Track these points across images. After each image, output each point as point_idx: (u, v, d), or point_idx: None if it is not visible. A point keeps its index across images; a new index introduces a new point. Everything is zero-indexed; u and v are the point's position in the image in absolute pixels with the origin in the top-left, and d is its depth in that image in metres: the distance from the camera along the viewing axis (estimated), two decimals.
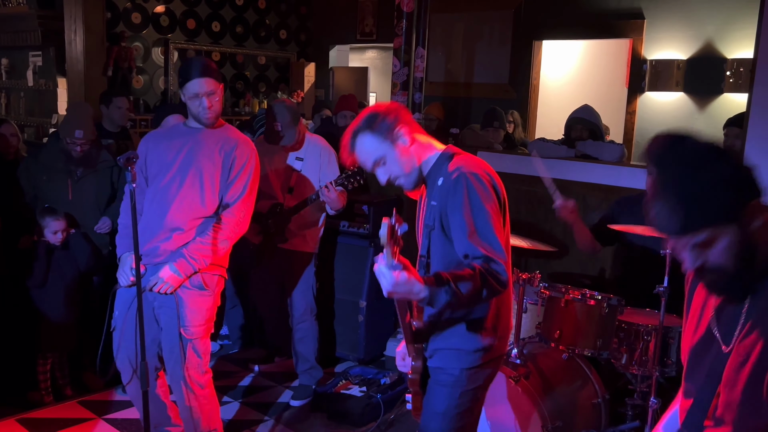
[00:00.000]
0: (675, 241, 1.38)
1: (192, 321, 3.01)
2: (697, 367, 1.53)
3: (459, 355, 2.24)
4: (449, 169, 2.17)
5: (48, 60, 7.12)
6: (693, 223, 1.33)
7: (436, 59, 6.88)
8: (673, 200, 1.33)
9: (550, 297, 3.32)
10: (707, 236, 1.34)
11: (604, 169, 4.41)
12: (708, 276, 1.41)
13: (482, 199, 2.10)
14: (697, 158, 1.33)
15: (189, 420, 3.12)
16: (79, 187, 4.06)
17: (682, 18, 5.48)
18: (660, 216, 1.35)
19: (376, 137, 2.19)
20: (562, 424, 3.04)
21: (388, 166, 2.21)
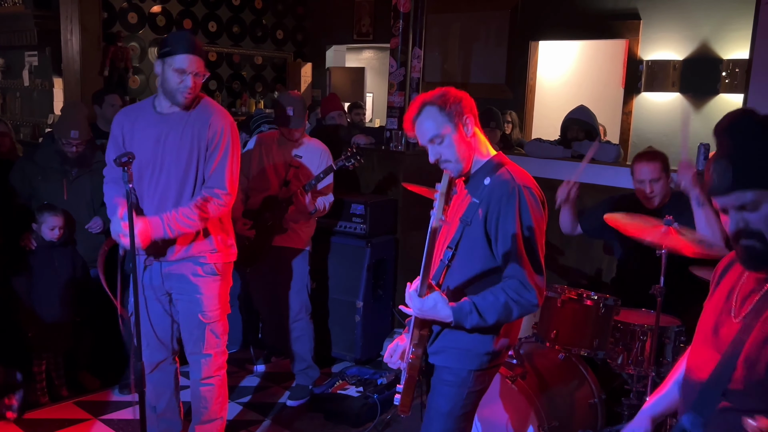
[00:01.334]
0: (723, 200, 1.44)
1: (209, 306, 3.11)
2: (714, 342, 1.54)
3: (469, 355, 2.24)
4: (502, 176, 2.20)
5: (44, 60, 7.12)
6: (743, 181, 1.39)
7: (432, 59, 6.89)
8: (730, 159, 1.40)
9: (547, 297, 3.32)
10: (754, 198, 1.40)
11: (600, 169, 4.42)
12: (744, 243, 1.45)
13: (533, 216, 2.14)
14: (758, 129, 1.41)
15: (200, 398, 3.20)
16: (74, 187, 4.06)
17: (678, 19, 5.49)
18: (714, 173, 1.43)
19: (444, 115, 2.20)
20: (558, 424, 3.04)
21: (444, 147, 2.22)
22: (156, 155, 2.98)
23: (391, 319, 4.83)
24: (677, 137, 5.43)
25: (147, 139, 2.99)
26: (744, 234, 1.44)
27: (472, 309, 2.09)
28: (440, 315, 2.09)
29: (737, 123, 1.44)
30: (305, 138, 4.14)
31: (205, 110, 3.03)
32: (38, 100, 7.38)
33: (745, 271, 1.56)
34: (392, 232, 4.82)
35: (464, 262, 2.22)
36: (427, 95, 2.25)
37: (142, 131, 3.01)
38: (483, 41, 6.74)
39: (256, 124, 4.95)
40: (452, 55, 7.00)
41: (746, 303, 1.50)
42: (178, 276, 3.07)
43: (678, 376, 1.78)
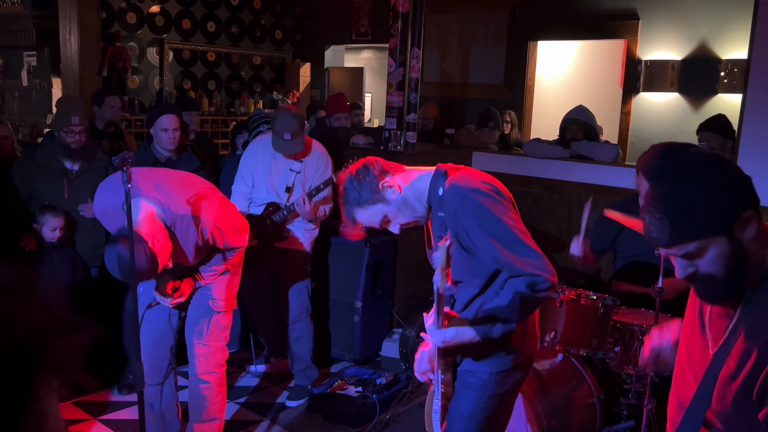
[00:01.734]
0: (666, 251, 1.41)
1: (220, 295, 3.19)
2: (689, 369, 1.54)
3: (489, 359, 2.22)
4: (449, 189, 2.15)
5: (42, 60, 7.11)
6: (681, 235, 1.35)
7: (431, 59, 6.89)
8: (663, 212, 1.35)
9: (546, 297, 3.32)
10: (697, 247, 1.36)
11: (599, 169, 4.42)
12: (698, 284, 1.43)
13: (495, 212, 2.07)
14: (688, 170, 1.35)
15: (198, 396, 3.19)
16: (75, 186, 4.05)
17: (677, 19, 5.49)
18: (650, 227, 1.38)
19: (368, 206, 2.22)
20: (557, 424, 3.05)
21: (395, 220, 2.26)
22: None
23: (390, 319, 4.84)
24: (676, 137, 5.43)
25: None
26: (695, 277, 1.42)
27: (492, 317, 2.07)
28: (465, 339, 2.09)
29: (659, 167, 1.39)
30: (311, 146, 4.12)
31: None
32: (37, 100, 7.37)
33: None
34: (391, 232, 4.81)
35: (462, 276, 2.18)
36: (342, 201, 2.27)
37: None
38: (482, 41, 6.74)
39: (255, 124, 4.94)
40: (451, 55, 7.00)
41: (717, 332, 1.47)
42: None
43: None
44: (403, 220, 2.25)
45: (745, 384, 1.37)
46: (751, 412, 1.37)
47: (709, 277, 1.39)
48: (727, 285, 1.39)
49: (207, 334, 3.19)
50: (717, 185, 1.34)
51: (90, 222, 4.09)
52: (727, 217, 1.34)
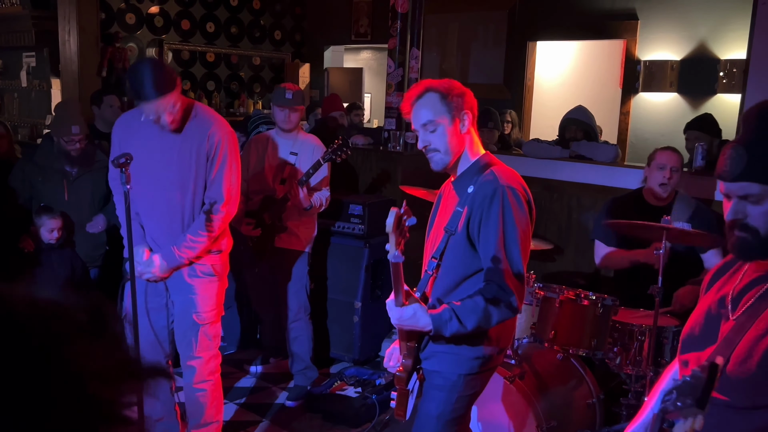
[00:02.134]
0: (728, 187, 1.45)
1: (204, 307, 3.10)
2: (705, 338, 1.54)
3: (459, 360, 2.22)
4: (486, 177, 2.16)
5: (42, 60, 7.11)
6: (753, 172, 1.40)
7: (430, 60, 6.89)
8: (746, 148, 1.41)
9: (545, 297, 3.32)
10: (759, 191, 1.41)
11: (598, 169, 4.43)
12: (738, 234, 1.46)
13: (516, 218, 2.10)
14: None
15: (195, 404, 3.18)
16: (75, 188, 4.05)
17: (676, 19, 5.50)
18: (727, 158, 1.43)
19: (444, 104, 2.17)
20: (556, 424, 3.05)
21: (435, 135, 2.18)
22: (156, 166, 2.96)
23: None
24: (675, 137, 5.44)
25: (148, 149, 2.94)
26: (740, 226, 1.45)
27: (452, 316, 2.07)
28: (419, 324, 2.08)
29: (763, 115, 1.44)
30: (300, 133, 4.14)
31: (204, 121, 2.97)
32: (36, 100, 7.37)
33: (740, 271, 1.56)
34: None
35: (450, 271, 2.20)
36: (433, 82, 2.22)
37: (144, 142, 2.96)
38: (481, 41, 6.75)
39: (254, 125, 4.95)
40: (450, 56, 7.00)
41: (740, 306, 1.51)
42: (174, 275, 3.07)
43: (662, 386, 1.77)
44: (437, 145, 2.18)
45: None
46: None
47: (754, 230, 1.43)
48: (764, 244, 1.43)
49: (196, 347, 3.12)
50: None
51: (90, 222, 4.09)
52: None
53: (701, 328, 1.57)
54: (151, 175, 2.95)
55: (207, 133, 2.95)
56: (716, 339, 1.51)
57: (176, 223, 3.00)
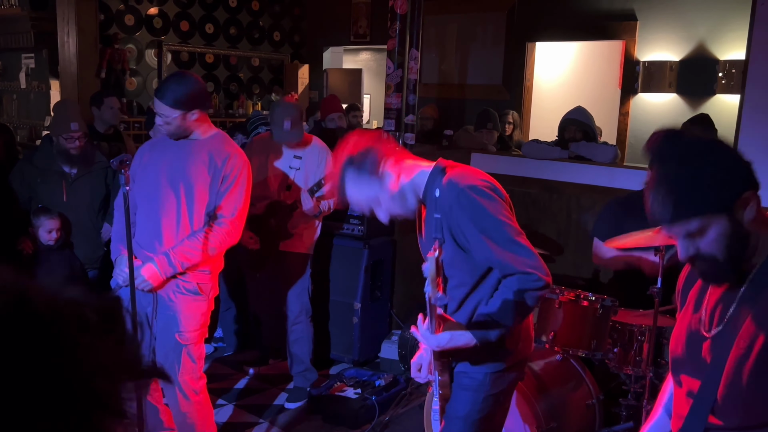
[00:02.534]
0: (669, 230, 1.44)
1: (187, 326, 2.99)
2: (692, 360, 1.54)
3: (485, 359, 2.21)
4: (445, 186, 2.12)
5: (41, 62, 7.11)
6: (684, 211, 1.39)
7: (430, 61, 6.89)
8: (666, 190, 1.39)
9: (545, 298, 3.32)
10: (699, 225, 1.39)
11: (598, 170, 4.43)
12: (700, 265, 1.45)
13: (490, 210, 2.05)
14: (691, 152, 1.40)
15: (183, 425, 3.11)
16: (74, 189, 4.05)
17: (675, 20, 5.50)
18: (654, 205, 1.42)
19: (363, 183, 2.13)
20: (556, 425, 3.05)
21: (384, 206, 2.17)
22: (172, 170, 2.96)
23: (389, 320, 4.83)
24: None
25: (163, 156, 2.99)
26: (697, 258, 1.44)
27: (488, 321, 2.05)
28: (461, 343, 2.07)
29: (663, 150, 1.42)
30: (304, 136, 4.12)
31: (226, 145, 3.02)
32: (35, 102, 7.37)
33: (708, 289, 1.56)
34: (389, 233, 4.82)
35: (456, 278, 2.18)
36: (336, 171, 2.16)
37: (162, 150, 3.01)
38: (480, 42, 6.75)
39: (253, 126, 4.95)
40: (449, 57, 7.01)
41: (716, 315, 1.50)
42: (157, 293, 2.98)
43: (665, 400, 1.77)
44: (393, 209, 2.18)
45: (759, 361, 1.39)
46: (765, 388, 1.38)
47: (711, 257, 1.42)
48: (728, 265, 1.42)
49: (179, 369, 3.00)
50: (718, 165, 1.38)
51: (88, 225, 4.10)
52: (728, 195, 1.38)
53: (684, 348, 1.57)
54: (158, 180, 2.95)
55: (226, 156, 2.96)
56: (701, 359, 1.50)
57: (171, 229, 2.95)
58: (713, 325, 1.49)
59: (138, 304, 2.93)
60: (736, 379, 1.42)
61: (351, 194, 2.16)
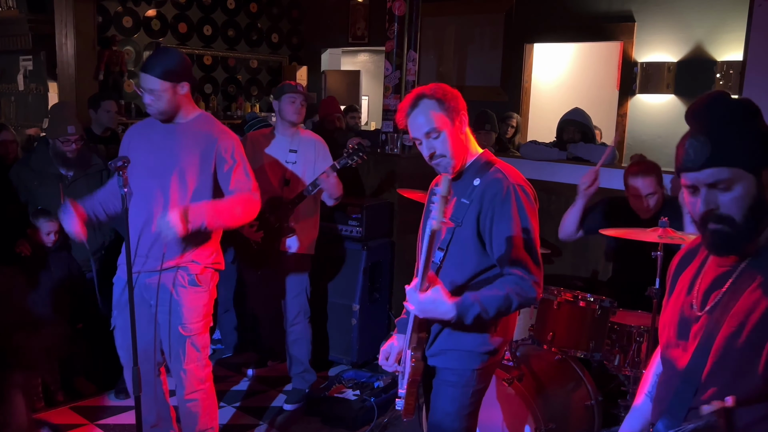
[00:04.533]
0: (695, 177, 1.43)
1: (190, 319, 3.02)
2: (682, 339, 1.54)
3: (470, 356, 2.25)
4: (493, 175, 2.19)
5: (39, 64, 7.11)
6: (719, 157, 1.40)
7: (428, 62, 6.89)
8: (705, 136, 1.41)
9: (543, 299, 3.32)
10: (727, 176, 1.40)
11: None
12: (713, 227, 1.44)
13: (529, 215, 2.15)
14: (732, 109, 1.43)
15: (188, 414, 3.14)
16: (71, 191, 4.04)
17: (673, 21, 5.51)
18: (690, 148, 1.43)
19: (443, 110, 2.17)
20: (555, 426, 3.04)
21: (439, 142, 2.18)
22: (162, 158, 2.96)
23: (388, 322, 4.83)
24: (672, 139, 5.44)
25: (152, 144, 3.00)
26: (713, 217, 1.43)
27: (474, 302, 2.08)
28: (440, 310, 2.06)
29: (713, 105, 1.45)
30: (300, 130, 4.12)
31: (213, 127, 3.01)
32: (33, 104, 7.36)
33: (704, 265, 1.55)
34: (388, 235, 4.82)
35: (456, 263, 2.22)
36: (425, 88, 2.21)
37: (149, 136, 3.03)
38: (478, 44, 6.75)
39: (251, 127, 4.94)
40: (447, 58, 7.01)
41: (710, 297, 1.50)
42: (159, 287, 2.99)
43: (648, 386, 1.77)
44: (443, 151, 2.19)
45: (749, 341, 1.39)
46: (754, 369, 1.38)
47: (729, 219, 1.41)
48: (740, 232, 1.42)
49: (184, 358, 3.04)
50: (758, 129, 1.42)
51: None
52: (762, 159, 1.41)
53: (675, 331, 1.57)
54: (148, 167, 2.96)
55: (216, 138, 2.97)
56: (690, 341, 1.51)
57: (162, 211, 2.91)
58: (707, 305, 1.50)
59: (140, 296, 2.97)
60: (722, 358, 1.42)
61: (423, 111, 2.17)
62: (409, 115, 2.21)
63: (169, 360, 3.10)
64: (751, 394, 1.39)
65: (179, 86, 2.90)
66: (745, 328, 1.40)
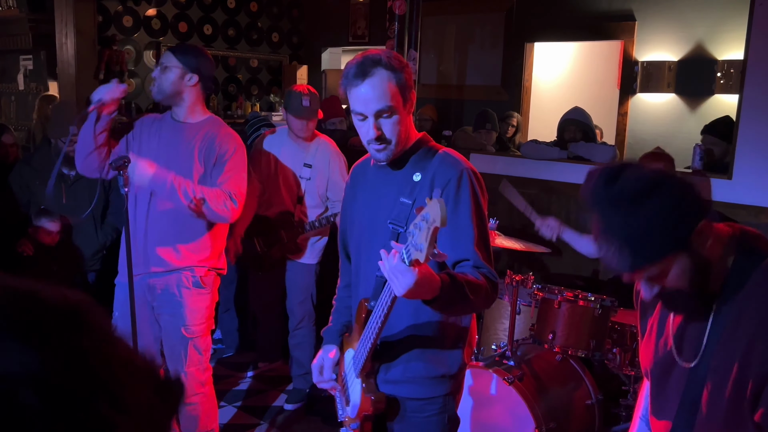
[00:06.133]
0: (632, 277, 1.40)
1: (192, 320, 3.02)
2: (664, 386, 1.53)
3: (444, 381, 2.00)
4: (438, 164, 1.91)
5: (39, 63, 7.10)
6: (640, 262, 1.35)
7: (428, 62, 6.89)
8: (618, 242, 1.33)
9: (544, 299, 3.32)
10: (659, 269, 1.36)
11: None
12: (666, 299, 1.44)
13: (483, 204, 1.92)
14: (634, 198, 1.32)
15: (188, 417, 3.14)
16: (73, 191, 4.05)
17: (673, 20, 5.50)
18: (608, 258, 1.36)
19: (400, 85, 1.83)
20: (555, 425, 3.04)
21: (390, 123, 1.85)
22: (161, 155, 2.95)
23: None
24: (673, 138, 5.44)
25: (152, 140, 3.01)
26: (662, 295, 1.42)
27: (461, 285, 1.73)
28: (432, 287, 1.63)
29: (604, 196, 1.35)
30: (315, 139, 3.98)
31: (216, 127, 3.02)
32: (33, 104, 7.35)
33: None
34: None
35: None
36: (380, 53, 1.84)
37: (154, 133, 3.04)
38: (478, 43, 6.75)
39: (254, 128, 4.93)
40: (448, 57, 7.00)
41: (685, 342, 1.47)
42: (162, 288, 2.99)
43: (642, 410, 1.75)
44: (391, 134, 1.86)
45: (733, 393, 1.36)
46: (744, 418, 1.36)
47: (676, 291, 1.39)
48: (694, 296, 1.39)
49: (186, 361, 3.03)
50: (666, 207, 1.31)
51: (88, 227, 4.09)
52: (684, 233, 1.33)
53: (658, 369, 1.55)
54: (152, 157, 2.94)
55: (219, 142, 2.97)
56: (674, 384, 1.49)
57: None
58: (683, 352, 1.47)
59: (142, 297, 2.96)
60: (712, 412, 1.40)
61: (373, 91, 1.81)
62: (357, 84, 1.81)
63: (170, 362, 3.09)
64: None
65: (188, 74, 2.93)
66: (728, 384, 1.37)
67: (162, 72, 2.93)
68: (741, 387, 1.35)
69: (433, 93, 6.92)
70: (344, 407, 2.10)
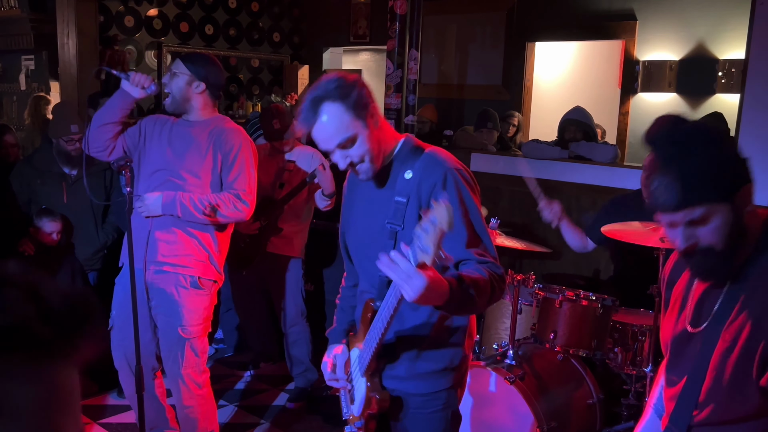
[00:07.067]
0: (671, 217, 1.41)
1: (190, 321, 3.01)
2: (680, 358, 1.55)
3: (446, 374, 2.02)
4: (425, 162, 1.91)
5: (40, 64, 7.11)
6: (690, 197, 1.37)
7: (429, 61, 6.90)
8: (673, 176, 1.37)
9: (545, 298, 3.33)
10: (702, 213, 1.38)
11: (597, 170, 4.43)
12: (696, 256, 1.44)
13: (475, 199, 1.91)
14: (697, 139, 1.39)
15: (186, 420, 3.13)
16: (74, 190, 4.05)
17: (674, 19, 5.50)
18: (659, 191, 1.39)
19: (351, 110, 1.82)
20: (557, 424, 3.05)
21: (355, 149, 1.86)
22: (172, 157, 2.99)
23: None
24: None
25: (163, 140, 3.04)
26: (695, 251, 1.42)
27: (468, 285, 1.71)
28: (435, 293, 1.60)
29: (669, 135, 1.41)
30: (296, 146, 4.15)
31: (228, 130, 3.05)
32: None
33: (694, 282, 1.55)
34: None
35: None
36: (321, 87, 1.83)
37: (165, 134, 3.07)
38: (479, 43, 6.75)
39: (255, 127, 4.93)
40: (449, 57, 7.01)
41: (703, 311, 1.50)
42: (160, 288, 2.99)
43: (654, 400, 1.77)
44: (363, 156, 1.86)
45: (742, 356, 1.39)
46: (749, 384, 1.38)
47: (709, 249, 1.41)
48: (724, 258, 1.41)
49: (182, 362, 3.02)
50: (723, 155, 1.38)
51: (89, 226, 4.09)
52: (732, 186, 1.38)
53: (673, 346, 1.57)
54: (161, 162, 3.00)
55: (224, 138, 3.00)
56: (687, 356, 1.51)
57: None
58: (699, 321, 1.49)
59: (141, 298, 2.96)
60: (719, 374, 1.42)
61: (329, 120, 1.81)
62: (311, 125, 1.84)
63: (167, 363, 3.08)
64: (748, 411, 1.40)
65: (195, 82, 2.97)
66: (737, 346, 1.40)
67: (171, 78, 2.98)
68: (750, 351, 1.37)
69: (434, 92, 6.93)
70: (349, 405, 2.12)
